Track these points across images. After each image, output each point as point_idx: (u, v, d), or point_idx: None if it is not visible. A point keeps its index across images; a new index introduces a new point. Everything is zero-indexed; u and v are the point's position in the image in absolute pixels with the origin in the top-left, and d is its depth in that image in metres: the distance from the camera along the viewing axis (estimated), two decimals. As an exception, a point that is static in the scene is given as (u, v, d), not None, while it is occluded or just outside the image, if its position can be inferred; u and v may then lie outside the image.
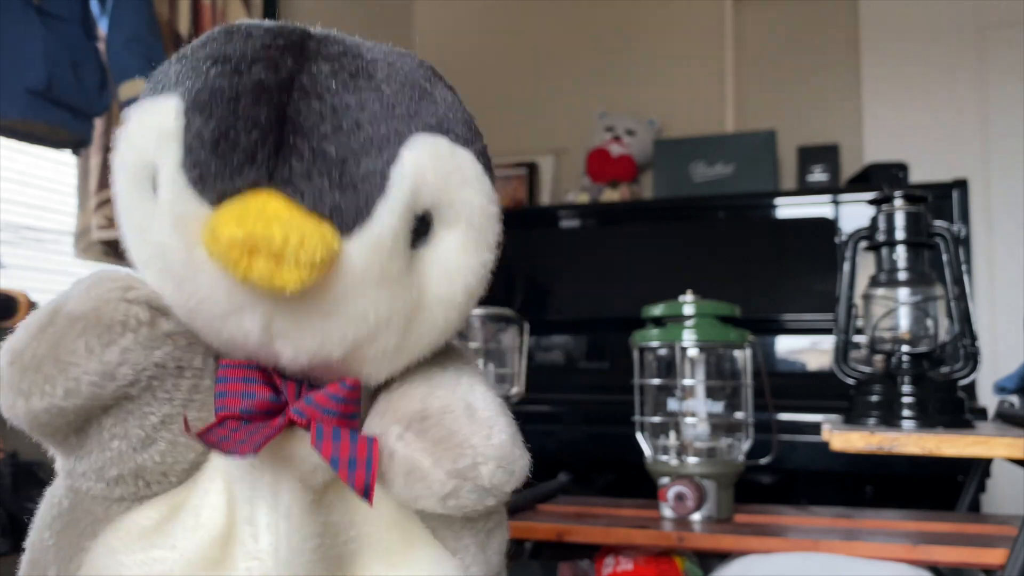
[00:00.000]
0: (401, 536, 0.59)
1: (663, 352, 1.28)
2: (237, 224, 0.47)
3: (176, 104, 0.52)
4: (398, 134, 0.54)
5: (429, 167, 0.54)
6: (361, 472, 0.52)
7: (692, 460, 1.20)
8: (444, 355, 0.63)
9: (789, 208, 2.06)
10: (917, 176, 2.24)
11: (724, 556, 1.10)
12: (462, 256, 0.57)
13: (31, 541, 0.58)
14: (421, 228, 0.55)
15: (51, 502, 0.58)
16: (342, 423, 0.55)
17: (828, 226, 1.96)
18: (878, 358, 1.13)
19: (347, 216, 0.51)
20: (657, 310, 1.27)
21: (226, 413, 0.54)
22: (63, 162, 1.80)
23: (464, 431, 0.56)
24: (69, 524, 0.56)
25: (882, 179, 2.13)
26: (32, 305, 1.43)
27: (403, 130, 0.54)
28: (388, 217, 0.52)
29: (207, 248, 0.48)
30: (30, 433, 0.55)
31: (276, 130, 0.51)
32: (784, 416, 1.69)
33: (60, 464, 0.58)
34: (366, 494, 0.53)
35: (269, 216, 0.48)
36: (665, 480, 1.20)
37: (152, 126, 0.53)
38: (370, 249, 0.52)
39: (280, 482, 0.55)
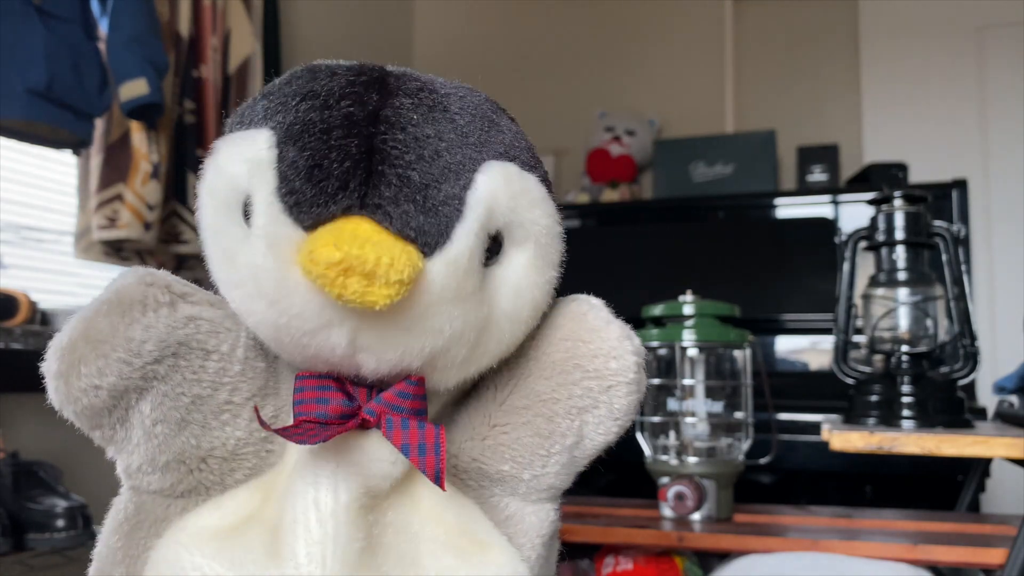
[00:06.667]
0: (472, 540, 0.60)
1: (663, 352, 1.28)
2: (334, 246, 0.51)
3: (268, 136, 0.56)
4: (472, 161, 0.58)
5: (501, 190, 0.58)
6: (431, 457, 0.55)
7: (692, 460, 1.20)
8: None
9: (789, 208, 2.06)
10: (917, 176, 2.23)
11: (724, 556, 1.10)
12: (530, 274, 0.61)
13: (98, 551, 0.63)
14: (493, 248, 0.59)
15: (117, 509, 0.63)
16: (411, 418, 0.58)
17: (828, 226, 1.96)
18: (878, 358, 1.13)
19: (430, 238, 0.55)
20: (657, 310, 1.27)
21: (304, 418, 0.57)
22: (63, 162, 1.80)
23: None
24: (135, 527, 0.62)
25: (882, 179, 2.12)
26: (32, 305, 1.43)
27: (476, 157, 0.58)
28: (465, 238, 0.56)
29: (304, 269, 0.52)
30: (79, 424, 0.59)
31: (366, 159, 0.55)
32: (784, 416, 1.69)
33: (120, 468, 0.62)
34: (437, 479, 0.55)
35: (362, 239, 0.52)
36: (665, 480, 1.20)
37: (244, 156, 0.56)
38: (449, 269, 0.55)
39: (342, 481, 0.58)
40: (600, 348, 0.64)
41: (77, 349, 0.56)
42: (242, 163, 0.56)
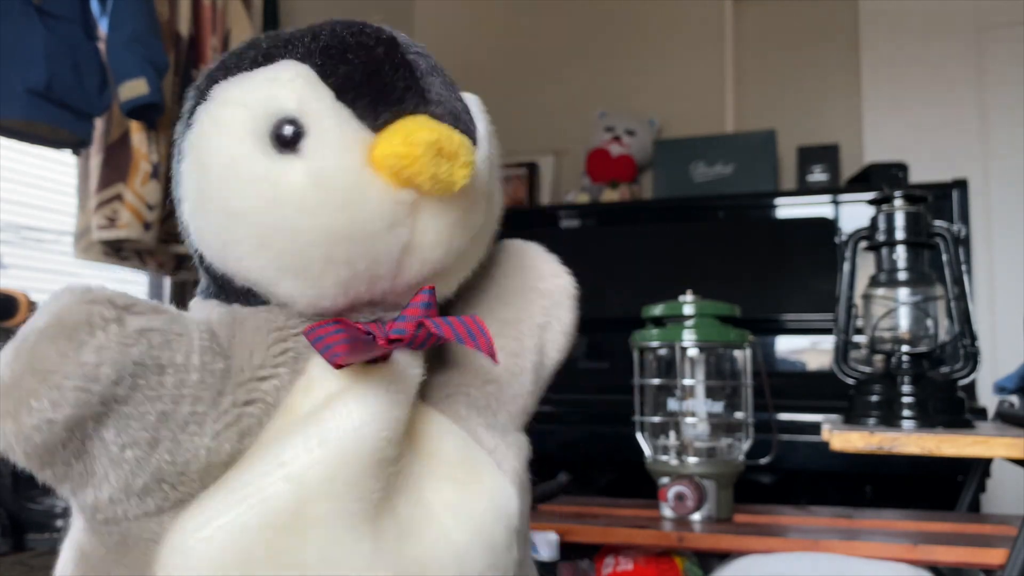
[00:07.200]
0: (469, 468, 0.63)
1: (663, 352, 1.28)
2: (428, 130, 0.53)
3: (296, 64, 0.58)
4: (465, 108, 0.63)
5: (483, 121, 0.64)
6: (482, 339, 0.57)
7: (692, 460, 1.20)
8: None
9: (789, 208, 2.06)
10: (917, 176, 2.23)
11: (724, 556, 1.10)
12: (496, 193, 0.65)
13: None
14: None
15: (68, 558, 0.58)
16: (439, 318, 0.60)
17: (828, 226, 1.96)
18: (878, 358, 1.13)
19: (470, 136, 0.59)
20: (657, 310, 1.27)
21: (330, 328, 0.56)
22: (63, 162, 1.80)
23: None
24: (121, 556, 0.56)
25: (882, 179, 2.12)
26: (32, 305, 1.43)
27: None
28: (484, 143, 0.62)
29: (398, 154, 0.53)
30: (29, 465, 0.52)
31: (409, 68, 0.59)
32: (784, 416, 1.69)
33: (78, 506, 0.56)
34: (492, 354, 0.58)
35: (438, 125, 0.55)
36: (665, 480, 1.20)
37: (276, 82, 0.57)
38: (483, 165, 0.60)
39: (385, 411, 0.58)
40: (544, 271, 0.71)
41: (23, 383, 0.50)
42: (273, 88, 0.56)
